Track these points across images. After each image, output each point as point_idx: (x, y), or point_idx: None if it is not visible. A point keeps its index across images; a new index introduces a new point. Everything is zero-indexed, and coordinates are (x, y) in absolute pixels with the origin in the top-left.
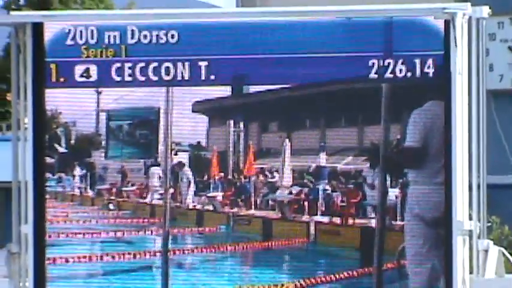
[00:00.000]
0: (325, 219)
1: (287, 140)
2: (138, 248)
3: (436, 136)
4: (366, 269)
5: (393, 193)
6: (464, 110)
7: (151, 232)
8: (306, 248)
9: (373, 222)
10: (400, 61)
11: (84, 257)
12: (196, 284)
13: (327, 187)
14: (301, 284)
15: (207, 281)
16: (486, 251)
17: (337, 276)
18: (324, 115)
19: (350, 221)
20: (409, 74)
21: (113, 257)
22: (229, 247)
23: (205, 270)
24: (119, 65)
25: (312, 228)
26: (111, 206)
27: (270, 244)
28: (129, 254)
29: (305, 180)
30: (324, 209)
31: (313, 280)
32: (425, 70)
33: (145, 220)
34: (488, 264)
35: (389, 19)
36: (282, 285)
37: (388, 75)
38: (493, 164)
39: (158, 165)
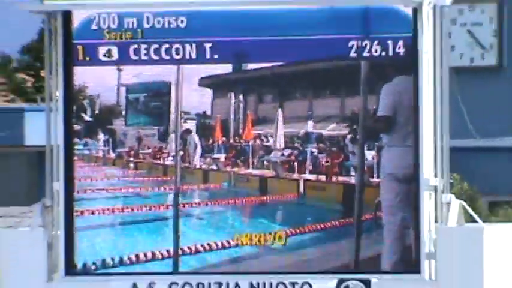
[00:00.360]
0: (312, 177)
1: (280, 110)
2: (153, 201)
3: (406, 106)
4: (347, 219)
5: (370, 155)
6: (430, 83)
7: (164, 188)
8: (295, 201)
9: (353, 180)
10: (375, 42)
11: (108, 209)
12: (202, 233)
13: (314, 150)
14: (291, 232)
15: (211, 230)
16: (449, 204)
17: (322, 226)
18: (311, 88)
19: (334, 179)
20: (383, 53)
21: (132, 210)
22: (230, 201)
23: (209, 220)
24: (136, 46)
25: (301, 184)
26: (131, 165)
27: (265, 198)
28: (145, 206)
29: (295, 144)
30: (311, 168)
31: (301, 229)
32: (397, 50)
33: (159, 178)
34: (451, 214)
35: (367, 7)
36: (275, 233)
37: (365, 54)
38: (455, 130)
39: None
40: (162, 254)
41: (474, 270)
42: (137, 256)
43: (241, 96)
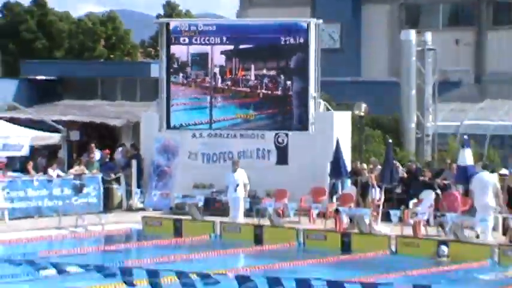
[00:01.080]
0: (266, 91)
1: (252, 65)
2: (201, 100)
3: (302, 61)
4: (283, 109)
5: (287, 83)
6: (313, 53)
7: (206, 94)
8: (259, 100)
9: (280, 92)
10: (291, 37)
11: (183, 103)
12: (220, 112)
13: (266, 81)
14: (255, 114)
15: (225, 111)
16: (320, 104)
17: (271, 111)
18: (265, 56)
19: (274, 92)
20: (294, 42)
21: (192, 104)
22: (232, 100)
23: (223, 106)
24: (195, 37)
25: (261, 94)
26: (192, 85)
27: (246, 100)
28: (199, 103)
29: (258, 78)
30: (265, 87)
31: (259, 112)
32: (301, 41)
33: (204, 90)
34: (321, 107)
35: (291, 24)
36: (250, 114)
37: (288, 43)
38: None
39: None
40: (205, 121)
41: (328, 128)
42: (195, 122)
43: (238, 59)
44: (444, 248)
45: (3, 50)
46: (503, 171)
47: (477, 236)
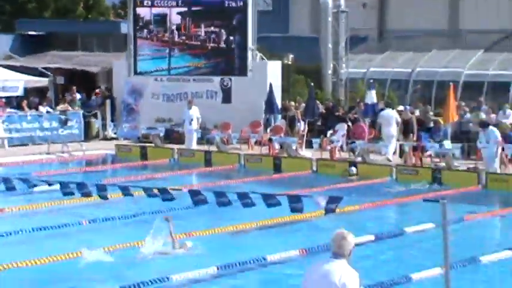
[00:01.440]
0: (213, 44)
1: (203, 24)
2: (162, 51)
3: (242, 21)
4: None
5: (230, 37)
6: (250, 14)
7: (164, 46)
8: (211, 50)
9: (222, 45)
10: (234, 1)
11: (148, 54)
12: (178, 60)
13: (212, 35)
14: (212, 70)
15: (182, 58)
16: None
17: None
18: (213, 15)
19: (218, 45)
20: (236, 5)
21: (155, 56)
22: (187, 50)
23: (180, 57)
24: (156, 0)
25: (210, 46)
26: (155, 39)
27: (197, 48)
28: (160, 54)
29: (207, 34)
30: (212, 41)
31: (207, 64)
32: (240, 4)
33: (163, 42)
34: (258, 56)
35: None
36: (201, 62)
37: (230, 6)
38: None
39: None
40: (165, 68)
41: (263, 74)
42: (157, 69)
43: (190, 18)
44: (354, 168)
45: (0, 10)
46: (400, 107)
47: (388, 160)
